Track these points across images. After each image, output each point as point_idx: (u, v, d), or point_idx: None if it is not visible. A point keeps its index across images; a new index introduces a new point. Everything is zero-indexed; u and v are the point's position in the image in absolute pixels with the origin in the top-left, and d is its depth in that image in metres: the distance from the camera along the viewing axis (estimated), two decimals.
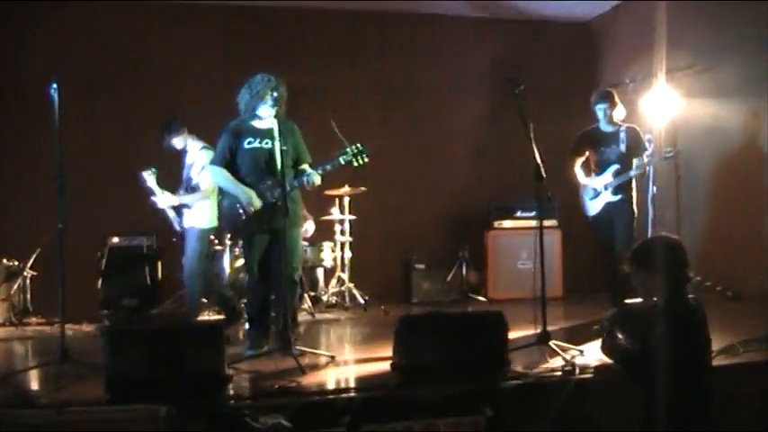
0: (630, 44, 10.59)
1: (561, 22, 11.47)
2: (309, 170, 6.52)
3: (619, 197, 7.80)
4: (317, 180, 6.42)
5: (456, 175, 10.93)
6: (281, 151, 6.26)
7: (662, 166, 8.83)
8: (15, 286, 8.76)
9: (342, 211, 9.46)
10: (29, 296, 8.90)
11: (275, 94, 6.33)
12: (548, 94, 10.00)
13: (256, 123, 6.55)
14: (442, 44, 10.98)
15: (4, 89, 9.28)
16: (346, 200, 9.40)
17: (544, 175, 6.03)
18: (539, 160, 6.08)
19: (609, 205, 7.87)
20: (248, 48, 10.09)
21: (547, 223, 7.08)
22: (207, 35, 10.25)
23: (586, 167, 8.12)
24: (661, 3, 9.75)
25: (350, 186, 9.15)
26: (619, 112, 7.95)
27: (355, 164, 6.34)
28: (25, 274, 8.82)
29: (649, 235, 9.01)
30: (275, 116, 6.40)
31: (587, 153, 8.09)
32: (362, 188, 9.22)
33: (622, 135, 7.81)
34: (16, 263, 8.85)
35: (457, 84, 10.92)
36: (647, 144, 7.93)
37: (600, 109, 7.90)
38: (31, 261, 8.82)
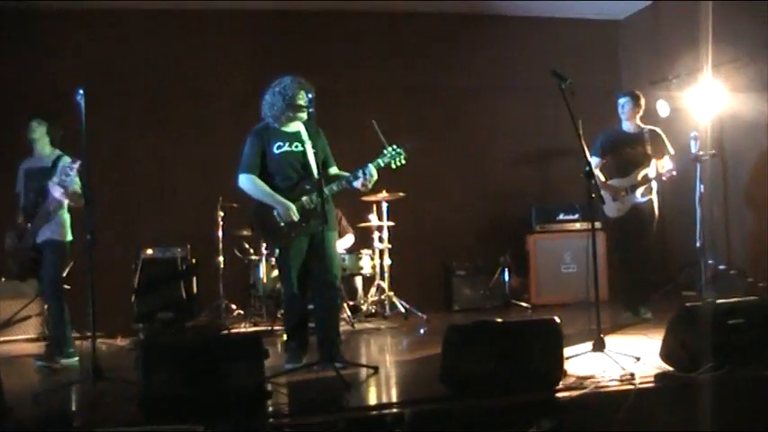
0: (672, 41, 10.31)
1: (594, 20, 11.21)
2: (342, 173, 6.28)
3: (646, 199, 7.89)
4: (375, 174, 6.09)
5: (495, 178, 10.69)
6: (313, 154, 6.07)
7: (709, 165, 8.66)
8: None
9: (380, 218, 9.20)
10: None
11: (309, 96, 6.07)
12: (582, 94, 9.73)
13: (283, 127, 6.29)
14: (477, 44, 10.69)
15: (34, 97, 9.09)
16: (384, 206, 9.13)
17: (596, 174, 5.79)
18: (589, 158, 5.84)
19: (636, 208, 7.90)
20: (277, 52, 9.93)
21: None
22: (235, 41, 10.07)
23: (605, 169, 8.06)
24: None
25: (388, 192, 8.88)
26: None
27: (393, 166, 6.10)
28: None
29: (698, 235, 8.84)
30: (304, 120, 6.20)
31: (608, 155, 8.04)
32: (401, 193, 8.95)
33: (646, 136, 7.90)
34: None
35: (495, 84, 10.66)
36: (670, 148, 7.96)
37: (622, 104, 7.94)
38: (64, 274, 8.63)
